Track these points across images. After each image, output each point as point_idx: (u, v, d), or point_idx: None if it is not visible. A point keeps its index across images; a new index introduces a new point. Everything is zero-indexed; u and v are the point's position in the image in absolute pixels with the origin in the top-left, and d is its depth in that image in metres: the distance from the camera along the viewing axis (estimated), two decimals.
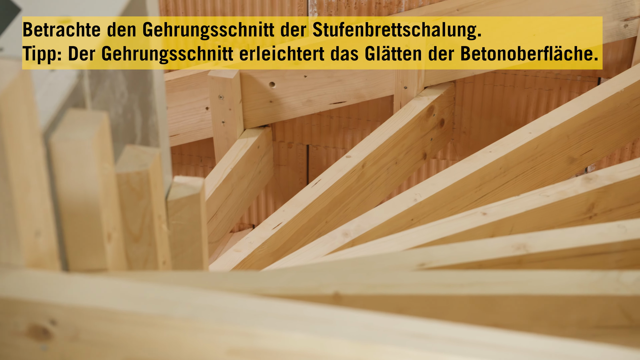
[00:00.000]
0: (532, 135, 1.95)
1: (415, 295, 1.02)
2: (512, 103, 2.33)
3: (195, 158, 2.57)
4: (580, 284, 1.03)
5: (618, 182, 1.65)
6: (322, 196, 2.01)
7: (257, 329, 0.78)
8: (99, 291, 0.80)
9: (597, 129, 2.04)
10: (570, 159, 2.04)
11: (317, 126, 2.45)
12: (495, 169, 1.91)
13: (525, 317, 1.03)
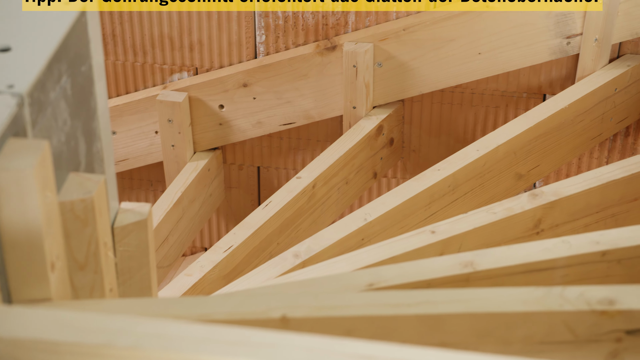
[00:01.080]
0: (479, 152, 1.97)
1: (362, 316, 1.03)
2: (460, 121, 2.36)
3: (146, 182, 2.56)
4: (525, 301, 1.04)
5: (563, 198, 1.67)
6: (273, 218, 2.01)
7: (202, 356, 0.78)
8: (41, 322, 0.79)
9: (543, 145, 2.07)
10: (518, 175, 2.06)
11: (268, 148, 2.45)
12: (444, 186, 1.93)
13: (471, 335, 1.04)
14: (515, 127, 2.03)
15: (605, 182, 1.70)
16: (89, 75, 1.12)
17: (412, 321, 1.04)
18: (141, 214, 1.19)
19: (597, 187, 1.69)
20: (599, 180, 1.70)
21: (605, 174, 1.71)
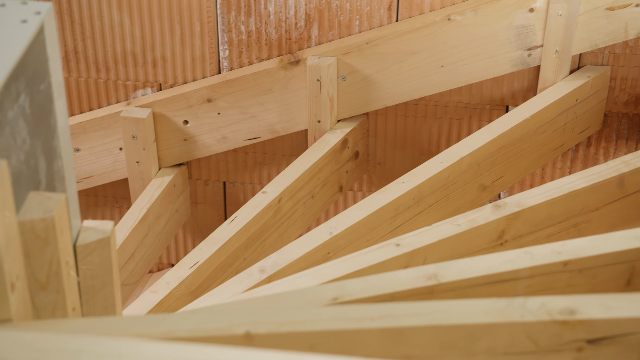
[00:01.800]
0: (443, 164, 1.98)
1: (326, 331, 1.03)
2: (424, 133, 2.37)
3: (111, 199, 2.54)
4: (487, 312, 1.04)
5: (526, 209, 1.68)
6: (239, 233, 2.01)
7: None
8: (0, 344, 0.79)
9: (507, 156, 2.09)
10: (482, 186, 2.08)
11: (233, 162, 2.45)
12: (409, 199, 1.94)
13: (435, 347, 1.04)
14: (478, 138, 2.04)
15: (567, 192, 1.71)
16: (48, 93, 1.12)
17: (375, 335, 1.05)
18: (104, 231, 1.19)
19: (559, 197, 1.71)
20: (561, 191, 1.71)
21: (567, 184, 1.73)
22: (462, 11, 2.13)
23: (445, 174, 1.98)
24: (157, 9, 2.23)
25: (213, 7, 2.23)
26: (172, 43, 2.28)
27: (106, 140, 2.35)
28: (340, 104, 2.27)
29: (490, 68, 2.19)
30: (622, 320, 1.05)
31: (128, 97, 2.35)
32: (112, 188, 2.52)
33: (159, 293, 1.84)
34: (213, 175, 2.47)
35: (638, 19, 2.08)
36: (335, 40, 2.25)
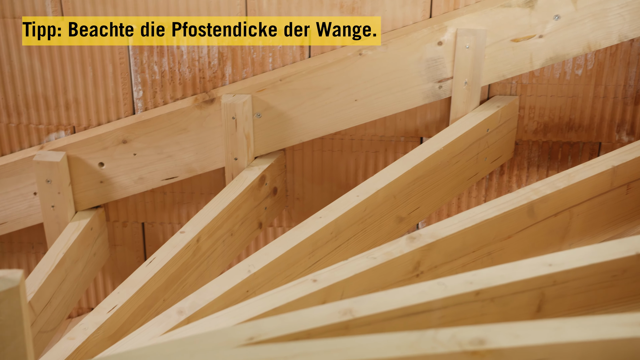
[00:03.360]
0: (359, 198, 2.00)
1: None
2: (341, 167, 2.39)
3: (27, 245, 2.50)
4: (399, 346, 1.05)
5: (440, 239, 1.71)
6: (158, 274, 1.99)
7: None
8: None
9: (422, 187, 2.12)
10: (399, 218, 2.10)
11: (151, 203, 2.43)
12: (327, 234, 1.95)
13: None
14: (393, 171, 2.07)
15: (480, 221, 1.74)
16: None
17: None
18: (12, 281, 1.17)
19: (471, 227, 1.74)
20: (473, 220, 1.74)
21: (479, 213, 1.76)
22: (373, 46, 2.16)
23: (362, 207, 2.00)
24: (68, 52, 2.22)
25: (125, 48, 2.22)
26: (84, 85, 2.26)
27: (20, 185, 2.31)
28: (256, 140, 2.27)
29: (403, 101, 2.23)
30: (530, 347, 1.07)
31: (41, 140, 2.32)
32: (28, 233, 2.47)
33: (76, 339, 1.81)
34: (131, 217, 2.45)
35: (542, 50, 2.14)
36: (249, 78, 2.26)
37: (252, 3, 2.17)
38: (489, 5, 2.12)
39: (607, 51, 2.20)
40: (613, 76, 2.22)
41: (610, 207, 1.87)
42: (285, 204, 2.44)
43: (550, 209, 1.81)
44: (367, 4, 2.17)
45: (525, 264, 1.37)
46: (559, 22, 2.11)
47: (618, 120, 2.28)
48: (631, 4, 2.07)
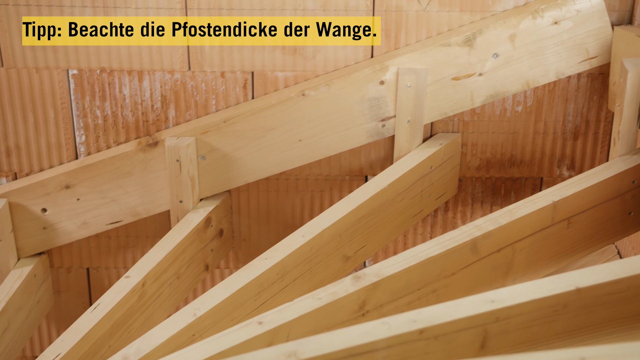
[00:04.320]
0: (305, 238, 1.99)
1: None
2: (287, 207, 2.39)
3: None
4: None
5: (385, 278, 1.71)
6: (103, 320, 1.96)
7: None
8: None
9: (367, 225, 2.12)
10: (345, 257, 2.10)
11: (96, 248, 2.40)
12: (273, 275, 1.94)
13: None
14: (338, 210, 2.07)
15: (424, 259, 1.75)
16: None
17: None
18: None
19: (416, 264, 1.75)
20: (417, 258, 1.75)
21: (423, 251, 1.77)
22: (315, 86, 2.18)
23: (308, 247, 2.00)
24: (8, 97, 2.20)
25: (66, 92, 2.21)
26: (25, 131, 2.24)
27: None
28: (201, 182, 2.27)
29: (347, 140, 2.24)
30: None
31: None
32: None
33: None
34: (76, 262, 2.42)
35: (482, 88, 2.17)
36: (193, 120, 2.26)
37: (194, 53, 2.17)
38: (429, 45, 2.15)
39: (546, 88, 2.24)
40: (552, 112, 2.26)
41: (552, 242, 1.90)
42: (232, 245, 2.43)
43: (493, 245, 1.83)
44: (310, 45, 2.18)
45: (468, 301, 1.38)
46: (497, 60, 2.15)
47: (558, 156, 2.32)
48: (566, 42, 2.12)
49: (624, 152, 1.96)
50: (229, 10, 2.14)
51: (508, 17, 2.12)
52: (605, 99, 2.24)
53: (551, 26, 2.11)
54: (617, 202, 1.94)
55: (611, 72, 2.12)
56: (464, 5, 2.14)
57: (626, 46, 2.01)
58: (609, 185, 1.91)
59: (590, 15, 2.10)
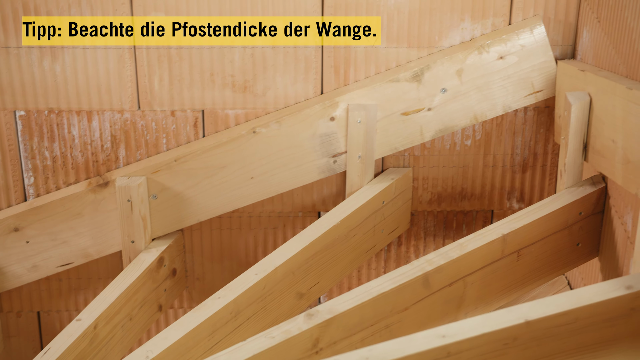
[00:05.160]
0: (258, 276, 1.99)
1: None
2: (240, 245, 2.39)
3: None
4: None
5: (338, 315, 1.71)
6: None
7: None
8: None
9: (321, 262, 2.12)
10: (299, 294, 2.10)
11: (47, 291, 2.37)
12: (226, 314, 1.93)
13: None
14: (291, 247, 2.07)
15: (376, 295, 1.75)
16: None
17: None
18: None
19: (368, 300, 1.75)
20: (370, 294, 1.75)
21: (375, 287, 1.77)
22: (266, 123, 2.19)
23: (261, 285, 1.99)
24: None
25: (14, 134, 2.19)
26: None
27: None
28: (153, 222, 2.25)
29: (299, 176, 2.24)
30: None
31: None
32: None
33: None
34: (26, 306, 2.38)
35: (432, 122, 2.19)
36: (143, 160, 2.25)
37: (143, 84, 2.17)
38: (378, 81, 2.17)
39: (494, 122, 2.27)
40: (500, 145, 2.29)
41: (502, 275, 1.91)
42: (186, 284, 2.41)
43: (444, 279, 1.84)
44: (259, 82, 2.19)
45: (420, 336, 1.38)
46: (445, 95, 2.17)
47: (508, 188, 2.34)
48: (512, 77, 2.15)
49: (570, 184, 1.99)
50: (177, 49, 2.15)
51: (455, 52, 2.15)
52: (552, 131, 2.27)
53: (497, 61, 2.14)
54: (565, 233, 1.97)
55: (556, 105, 2.16)
56: (411, 41, 2.16)
57: (570, 80, 2.05)
58: (556, 218, 1.93)
59: (535, 50, 2.14)
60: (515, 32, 2.13)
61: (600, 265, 2.04)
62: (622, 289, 1.46)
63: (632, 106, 1.66)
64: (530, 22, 2.14)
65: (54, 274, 2.34)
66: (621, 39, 1.84)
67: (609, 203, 1.97)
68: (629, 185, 1.71)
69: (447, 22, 2.15)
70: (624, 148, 1.72)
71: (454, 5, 2.13)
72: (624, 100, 1.71)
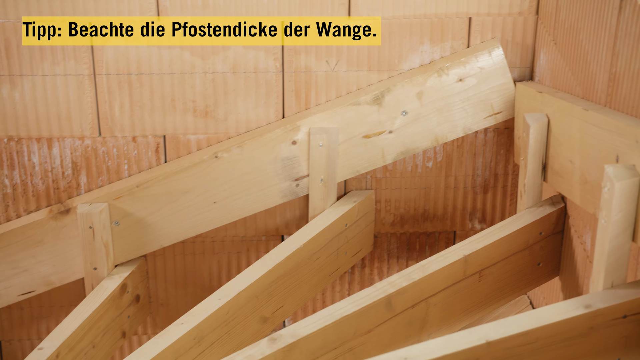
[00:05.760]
0: (221, 301, 1.98)
1: None
2: (204, 270, 2.38)
3: None
4: None
5: (301, 339, 1.71)
6: None
7: None
8: None
9: (284, 285, 2.12)
10: (263, 318, 2.10)
11: (8, 320, 2.35)
12: (189, 340, 1.92)
13: None
14: (255, 271, 2.07)
15: (339, 318, 1.76)
16: None
17: None
18: None
19: (331, 324, 1.75)
20: (333, 317, 1.76)
21: (339, 310, 1.78)
22: (228, 148, 2.19)
23: (225, 310, 1.99)
24: None
25: None
26: None
27: None
28: (116, 248, 2.24)
29: (261, 200, 2.25)
30: None
31: None
32: None
33: None
34: None
35: (393, 145, 2.21)
36: (105, 186, 2.24)
37: (104, 110, 2.16)
38: (339, 104, 2.19)
39: (454, 143, 2.29)
40: (462, 167, 2.31)
41: (464, 296, 1.92)
42: (149, 310, 2.40)
43: (407, 301, 1.84)
44: (221, 107, 2.20)
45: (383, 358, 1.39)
46: (406, 118, 2.19)
47: (470, 209, 2.36)
48: (472, 99, 2.17)
49: (530, 205, 2.01)
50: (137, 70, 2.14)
51: (415, 75, 2.17)
52: (512, 152, 2.30)
53: (456, 83, 2.17)
54: (526, 253, 1.98)
55: (515, 126, 2.18)
56: (372, 64, 2.18)
57: (528, 101, 2.08)
58: (517, 238, 1.95)
59: (493, 72, 2.16)
60: (474, 54, 2.15)
61: (561, 285, 2.06)
62: (580, 308, 1.48)
63: (588, 127, 1.69)
64: (488, 45, 2.16)
65: (15, 302, 2.32)
66: (577, 61, 1.87)
67: (569, 223, 1.99)
68: (587, 205, 1.73)
69: (406, 46, 2.17)
70: (582, 168, 1.75)
71: (413, 29, 2.15)
72: (580, 121, 1.73)
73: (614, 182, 1.45)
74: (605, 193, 1.48)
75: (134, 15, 2.09)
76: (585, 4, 1.80)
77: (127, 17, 2.09)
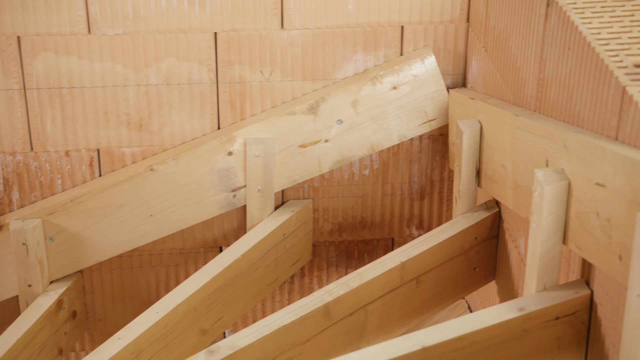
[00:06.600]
0: (159, 314, 1.96)
1: None
2: (142, 283, 2.36)
3: None
4: None
5: (239, 350, 1.70)
6: None
7: None
8: None
9: (223, 297, 2.11)
10: (202, 330, 2.08)
11: None
12: (127, 355, 1.90)
13: None
14: (193, 284, 2.05)
15: (277, 328, 1.75)
16: None
17: None
18: None
19: (269, 334, 1.74)
20: (271, 328, 1.75)
21: (276, 320, 1.77)
22: (164, 160, 2.17)
23: (163, 323, 1.97)
24: None
25: None
26: None
27: None
28: (51, 265, 2.20)
29: (199, 212, 2.23)
30: None
31: None
32: None
33: None
34: None
35: (329, 154, 2.21)
36: (38, 202, 2.20)
37: (35, 125, 2.13)
38: (274, 114, 2.18)
39: (390, 151, 2.30)
40: (398, 174, 2.33)
41: (402, 302, 1.93)
42: (87, 326, 2.37)
43: (345, 309, 1.85)
44: (155, 120, 2.18)
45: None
46: (342, 127, 2.20)
47: (407, 216, 2.37)
48: (406, 106, 2.19)
49: (465, 210, 2.03)
50: None
51: (349, 84, 2.18)
52: (447, 159, 2.32)
53: (390, 91, 2.18)
54: (462, 258, 2.00)
55: (449, 133, 2.20)
56: (306, 74, 2.19)
57: (461, 108, 2.10)
58: (453, 243, 1.97)
59: (427, 80, 2.18)
60: (407, 62, 2.17)
61: (497, 288, 2.09)
62: (514, 311, 1.49)
63: (518, 132, 1.71)
64: (421, 53, 2.18)
65: None
66: (507, 67, 1.89)
67: (503, 227, 2.02)
68: (520, 209, 1.75)
69: (340, 55, 2.18)
70: (514, 173, 1.77)
71: (346, 38, 2.16)
72: (511, 126, 1.76)
73: (544, 186, 1.47)
74: (536, 197, 1.50)
75: (63, 28, 2.07)
76: (513, 11, 1.83)
77: (57, 30, 2.07)
